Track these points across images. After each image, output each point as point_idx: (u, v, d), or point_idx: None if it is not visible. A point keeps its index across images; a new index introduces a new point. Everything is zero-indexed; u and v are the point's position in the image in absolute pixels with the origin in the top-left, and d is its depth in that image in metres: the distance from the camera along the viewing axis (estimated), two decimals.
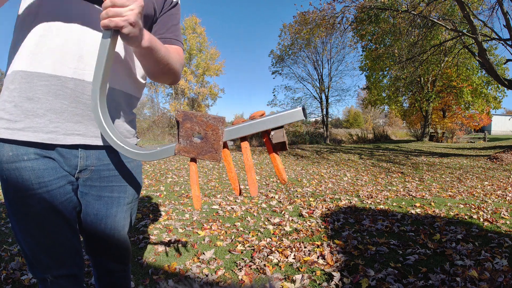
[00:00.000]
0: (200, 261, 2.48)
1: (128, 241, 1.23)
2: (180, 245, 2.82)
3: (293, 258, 2.49)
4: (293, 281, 2.14)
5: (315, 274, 2.23)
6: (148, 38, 0.86)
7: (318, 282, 2.13)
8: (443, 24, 11.02)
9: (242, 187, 5.12)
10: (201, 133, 0.78)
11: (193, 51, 26.65)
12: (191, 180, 0.81)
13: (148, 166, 7.68)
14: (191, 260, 2.51)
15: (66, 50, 0.89)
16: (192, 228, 3.28)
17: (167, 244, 2.85)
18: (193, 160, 0.81)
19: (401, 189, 5.39)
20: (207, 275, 2.27)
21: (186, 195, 4.73)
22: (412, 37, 12.71)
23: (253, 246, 2.77)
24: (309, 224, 3.37)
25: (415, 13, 10.91)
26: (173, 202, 4.35)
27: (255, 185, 0.79)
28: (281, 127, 0.77)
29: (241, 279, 2.21)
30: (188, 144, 0.78)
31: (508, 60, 10.89)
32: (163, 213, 3.77)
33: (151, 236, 3.01)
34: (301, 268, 2.32)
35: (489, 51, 12.89)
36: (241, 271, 2.31)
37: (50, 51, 0.88)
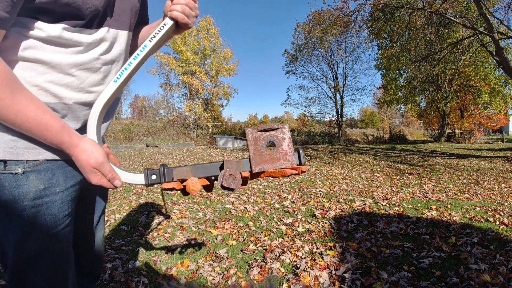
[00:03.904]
0: (212, 260, 2.51)
1: (102, 254, 1.20)
2: (193, 243, 2.86)
3: (305, 259, 2.49)
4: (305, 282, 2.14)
5: (327, 276, 2.23)
6: None
7: (330, 284, 2.13)
8: (460, 22, 10.78)
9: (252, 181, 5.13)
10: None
11: (207, 52, 26.83)
12: None
13: None
14: (203, 258, 2.54)
15: (103, 84, 0.91)
16: (205, 226, 3.32)
17: (180, 242, 2.89)
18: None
19: (417, 191, 5.31)
20: (219, 273, 2.30)
21: (200, 194, 4.77)
22: (428, 35, 12.49)
23: (265, 246, 2.78)
24: (322, 225, 3.36)
25: (431, 10, 10.71)
26: (186, 200, 4.40)
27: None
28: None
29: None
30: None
31: None
32: (177, 212, 3.82)
33: (164, 234, 3.06)
34: (313, 269, 2.32)
35: (506, 49, 12.54)
36: (252, 270, 2.32)
37: (94, 86, 0.88)
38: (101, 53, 0.88)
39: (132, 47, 1.15)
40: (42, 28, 0.75)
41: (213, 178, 0.84)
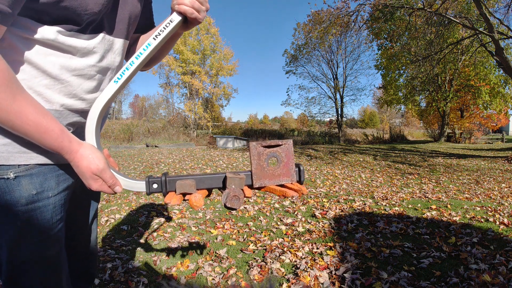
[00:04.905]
0: (212, 260, 2.51)
1: (96, 254, 1.20)
2: (193, 243, 2.86)
3: (305, 259, 2.49)
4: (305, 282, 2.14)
5: (327, 276, 2.23)
6: None
7: (330, 284, 2.13)
8: (460, 22, 10.78)
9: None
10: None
11: (207, 52, 26.81)
12: None
13: (162, 165, 7.79)
14: (203, 258, 2.54)
15: (97, 91, 0.90)
16: (205, 226, 3.32)
17: (180, 242, 2.89)
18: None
19: (417, 191, 5.31)
20: (219, 273, 2.30)
21: None
22: (428, 35, 12.49)
23: (265, 246, 2.78)
24: (322, 225, 3.36)
25: (431, 10, 10.71)
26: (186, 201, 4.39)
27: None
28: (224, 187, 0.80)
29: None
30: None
31: None
32: (177, 212, 3.82)
33: (165, 234, 3.06)
34: (313, 269, 2.32)
35: (506, 49, 12.54)
36: (252, 270, 2.32)
37: (87, 93, 0.87)
38: (96, 60, 0.86)
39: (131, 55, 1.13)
40: (37, 29, 0.74)
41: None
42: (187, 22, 0.87)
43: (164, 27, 0.83)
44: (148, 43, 0.82)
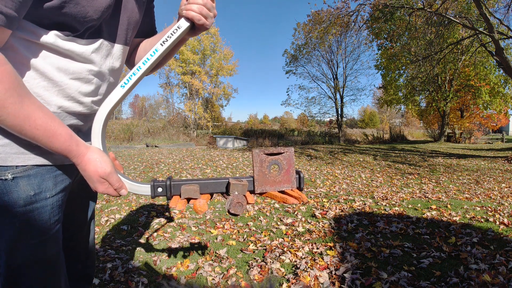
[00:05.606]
0: (212, 260, 2.51)
1: (94, 254, 1.20)
2: (193, 243, 2.86)
3: (305, 259, 2.49)
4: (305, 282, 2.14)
5: (327, 276, 2.23)
6: None
7: (330, 284, 2.13)
8: (460, 22, 10.78)
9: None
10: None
11: (207, 52, 26.82)
12: None
13: (162, 165, 7.79)
14: (203, 258, 2.54)
15: (95, 95, 0.91)
16: (205, 226, 3.32)
17: (180, 242, 2.89)
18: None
19: (417, 191, 5.31)
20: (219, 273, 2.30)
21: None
22: (428, 35, 12.49)
23: (265, 246, 2.78)
24: (322, 225, 3.36)
25: (431, 10, 10.71)
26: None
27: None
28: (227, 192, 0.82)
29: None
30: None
31: None
32: (177, 212, 3.82)
33: (165, 234, 3.06)
34: (313, 269, 2.32)
35: (506, 49, 12.54)
36: (252, 270, 2.32)
37: (85, 96, 0.87)
38: (94, 64, 0.86)
39: (133, 60, 1.14)
40: (37, 32, 0.74)
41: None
42: (194, 28, 0.87)
43: (171, 33, 0.83)
44: (156, 49, 0.82)
